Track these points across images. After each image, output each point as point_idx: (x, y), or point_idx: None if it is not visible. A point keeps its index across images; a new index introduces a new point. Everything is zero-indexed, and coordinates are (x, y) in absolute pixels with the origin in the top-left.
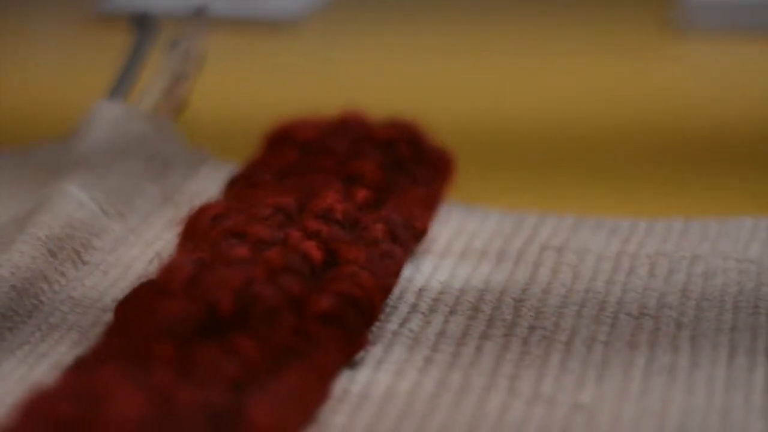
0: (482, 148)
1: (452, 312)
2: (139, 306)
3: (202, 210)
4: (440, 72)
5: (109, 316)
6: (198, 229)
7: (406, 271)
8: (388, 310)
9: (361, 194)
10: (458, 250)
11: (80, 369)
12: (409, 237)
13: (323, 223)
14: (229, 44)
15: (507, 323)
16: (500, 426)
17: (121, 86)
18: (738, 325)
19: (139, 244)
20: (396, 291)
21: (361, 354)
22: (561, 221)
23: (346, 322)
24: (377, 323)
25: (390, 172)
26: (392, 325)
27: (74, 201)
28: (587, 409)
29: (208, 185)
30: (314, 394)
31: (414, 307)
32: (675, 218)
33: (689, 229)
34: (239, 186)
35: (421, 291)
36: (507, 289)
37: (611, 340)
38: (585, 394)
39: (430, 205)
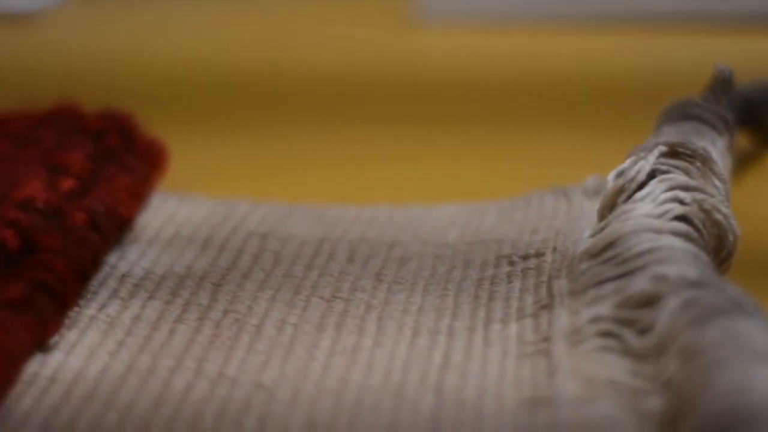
0: None
1: (151, 297)
2: None
3: None
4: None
5: None
6: None
7: (112, 258)
8: (89, 295)
9: (67, 184)
10: (167, 237)
11: None
12: (112, 225)
13: (23, 212)
14: None
15: (202, 307)
16: (181, 406)
17: None
18: (425, 307)
19: None
20: (99, 277)
21: (55, 339)
22: (273, 209)
23: (37, 307)
24: (76, 308)
25: (99, 162)
26: (90, 311)
27: None
28: (268, 388)
29: None
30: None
31: (114, 293)
32: (382, 206)
33: (394, 215)
34: None
35: (123, 277)
36: (207, 274)
37: (301, 323)
38: (267, 374)
39: (138, 193)
